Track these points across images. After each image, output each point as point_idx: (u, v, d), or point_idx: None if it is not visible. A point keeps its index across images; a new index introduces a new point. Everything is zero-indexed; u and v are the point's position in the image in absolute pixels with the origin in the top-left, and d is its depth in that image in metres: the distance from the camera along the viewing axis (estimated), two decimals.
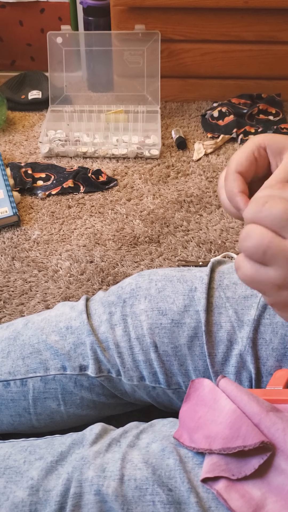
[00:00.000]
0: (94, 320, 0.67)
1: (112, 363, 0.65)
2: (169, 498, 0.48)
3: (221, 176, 0.48)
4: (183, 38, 1.50)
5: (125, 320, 0.65)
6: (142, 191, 1.29)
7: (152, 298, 0.65)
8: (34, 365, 0.66)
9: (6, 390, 0.67)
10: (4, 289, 1.04)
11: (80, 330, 0.66)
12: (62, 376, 0.66)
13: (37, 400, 0.67)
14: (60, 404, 0.67)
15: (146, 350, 0.63)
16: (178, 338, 0.63)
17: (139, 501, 0.48)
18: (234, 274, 0.65)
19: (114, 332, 0.65)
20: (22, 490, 0.50)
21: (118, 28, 1.49)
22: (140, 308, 0.65)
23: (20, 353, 0.67)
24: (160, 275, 0.68)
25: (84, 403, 0.67)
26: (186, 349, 0.62)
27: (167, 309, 0.64)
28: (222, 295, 0.63)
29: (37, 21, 1.68)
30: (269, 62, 1.53)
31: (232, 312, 0.62)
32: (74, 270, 1.08)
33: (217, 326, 0.62)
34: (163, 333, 0.63)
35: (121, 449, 0.52)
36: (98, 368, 0.65)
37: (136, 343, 0.64)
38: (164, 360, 0.63)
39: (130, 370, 0.64)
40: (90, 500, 0.49)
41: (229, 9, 1.43)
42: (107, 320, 0.66)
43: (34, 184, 1.30)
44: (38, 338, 0.67)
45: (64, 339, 0.66)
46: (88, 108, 1.49)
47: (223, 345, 0.61)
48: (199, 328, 0.62)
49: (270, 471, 0.45)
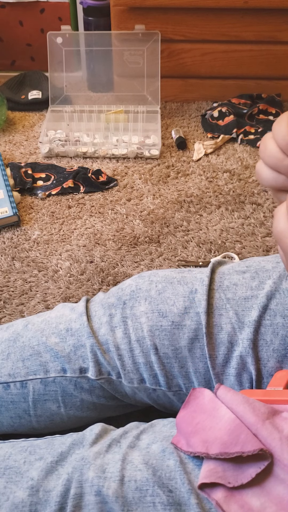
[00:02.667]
0: (94, 322, 0.66)
1: (112, 366, 0.64)
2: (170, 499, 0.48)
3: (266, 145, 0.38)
4: (183, 38, 1.50)
5: (125, 322, 0.65)
6: (142, 191, 1.29)
7: (152, 300, 0.65)
8: (34, 367, 0.66)
9: (6, 392, 0.67)
10: (4, 289, 1.04)
11: (80, 332, 0.66)
12: (62, 379, 0.66)
13: (37, 402, 0.67)
14: (60, 406, 0.67)
15: (147, 353, 0.63)
16: (178, 340, 0.62)
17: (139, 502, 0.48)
18: (235, 275, 0.65)
19: (114, 334, 0.64)
20: (22, 490, 0.50)
21: (118, 28, 1.49)
22: (140, 310, 0.65)
23: (20, 355, 0.67)
24: (160, 276, 0.68)
25: (84, 405, 0.67)
26: (187, 351, 0.62)
27: (168, 311, 0.63)
28: (222, 297, 0.63)
29: (37, 21, 1.68)
30: (269, 62, 1.53)
31: (233, 313, 0.62)
32: (74, 270, 1.08)
33: (218, 328, 0.62)
34: (164, 335, 0.63)
35: (122, 449, 0.52)
36: (98, 370, 0.65)
37: (136, 346, 0.63)
38: (164, 362, 0.63)
39: (131, 372, 0.64)
40: (90, 501, 0.49)
41: (229, 9, 1.43)
42: (107, 322, 0.65)
43: (34, 184, 1.30)
44: (38, 340, 0.67)
45: (64, 341, 0.66)
46: (88, 108, 1.49)
47: (223, 347, 0.61)
48: (199, 330, 0.62)
49: (269, 481, 0.45)
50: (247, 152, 1.40)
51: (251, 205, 1.23)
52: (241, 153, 1.40)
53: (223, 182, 1.30)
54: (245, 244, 1.13)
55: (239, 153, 1.40)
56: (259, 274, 0.64)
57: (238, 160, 1.38)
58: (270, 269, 0.65)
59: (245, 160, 1.37)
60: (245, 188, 1.28)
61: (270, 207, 1.21)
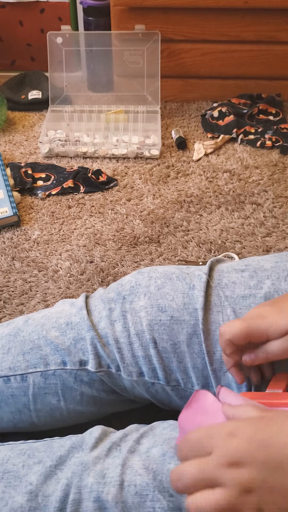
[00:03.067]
0: (94, 316, 0.67)
1: (112, 358, 0.65)
2: (170, 504, 0.47)
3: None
4: (183, 38, 1.50)
5: (124, 316, 0.65)
6: (142, 191, 1.29)
7: (151, 295, 0.65)
8: (34, 361, 0.66)
9: (6, 386, 0.67)
10: (4, 289, 1.04)
11: (80, 325, 0.66)
12: (62, 371, 0.66)
13: (37, 396, 0.67)
14: (60, 400, 0.67)
15: (146, 346, 0.63)
16: (177, 335, 0.63)
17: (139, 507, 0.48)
18: (233, 274, 0.66)
19: (114, 328, 0.65)
20: (21, 495, 0.50)
21: (118, 28, 1.49)
22: (139, 305, 0.65)
23: (20, 349, 0.67)
24: (159, 272, 0.68)
25: (84, 399, 0.68)
26: (185, 346, 0.63)
27: (167, 306, 0.64)
28: (220, 294, 0.64)
29: (37, 21, 1.68)
30: (269, 62, 1.53)
31: (231, 311, 0.62)
32: (74, 270, 1.08)
33: (216, 325, 0.62)
34: (163, 330, 0.63)
35: (122, 454, 0.52)
36: (98, 363, 0.65)
37: (135, 339, 0.64)
38: (163, 356, 0.63)
39: (130, 365, 0.64)
40: (89, 507, 0.48)
41: (229, 9, 1.43)
42: (107, 316, 0.66)
43: (34, 184, 1.30)
44: (39, 334, 0.68)
45: (64, 335, 0.66)
46: (88, 108, 1.50)
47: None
48: (197, 326, 0.62)
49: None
50: (247, 152, 1.40)
51: (251, 205, 1.23)
52: (241, 153, 1.40)
53: (223, 182, 1.30)
54: (245, 244, 1.13)
55: (239, 153, 1.40)
56: (257, 273, 0.65)
57: (238, 160, 1.38)
58: (269, 268, 0.65)
59: (245, 160, 1.37)
60: (245, 188, 1.28)
61: (270, 207, 1.21)
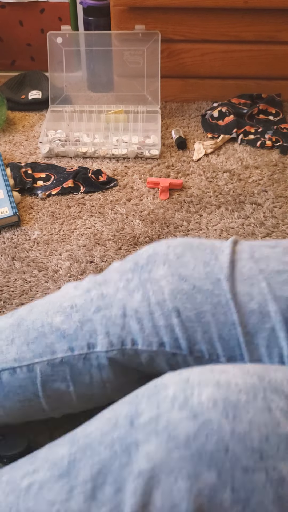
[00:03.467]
0: (110, 288, 0.64)
1: (127, 331, 0.62)
2: None
3: None
4: (183, 38, 1.50)
5: (144, 286, 0.62)
6: (142, 191, 1.29)
7: (171, 263, 0.62)
8: (40, 350, 0.65)
9: (13, 378, 0.66)
10: (4, 289, 1.04)
11: (85, 307, 0.64)
12: (70, 357, 0.64)
13: (46, 384, 0.65)
14: (70, 385, 0.65)
15: (168, 315, 0.61)
16: (201, 305, 0.60)
17: None
18: (265, 248, 0.63)
19: (133, 298, 0.62)
20: None
21: (118, 28, 1.49)
22: (159, 274, 0.62)
23: (24, 339, 0.66)
24: (178, 241, 0.66)
25: (93, 383, 0.66)
26: (210, 316, 0.60)
27: (188, 275, 0.61)
28: (254, 267, 0.61)
29: (37, 21, 1.68)
30: (269, 62, 1.53)
31: (265, 284, 0.60)
32: (74, 270, 1.08)
33: (248, 297, 0.60)
34: (186, 299, 0.60)
35: None
36: (109, 342, 0.62)
37: (156, 308, 0.61)
38: (187, 326, 0.60)
39: (150, 335, 0.62)
40: None
41: (229, 9, 1.43)
42: (124, 288, 0.63)
43: (34, 184, 1.30)
44: (43, 321, 0.66)
45: (70, 318, 0.64)
46: (88, 108, 1.50)
47: (254, 316, 0.59)
48: (221, 296, 0.60)
49: None
50: (247, 152, 1.40)
51: (251, 205, 1.23)
52: (241, 153, 1.40)
53: (223, 182, 1.30)
54: None
55: (239, 153, 1.40)
56: None
57: (238, 160, 1.38)
58: None
59: (245, 160, 1.37)
60: (245, 188, 1.28)
61: (270, 207, 1.21)
